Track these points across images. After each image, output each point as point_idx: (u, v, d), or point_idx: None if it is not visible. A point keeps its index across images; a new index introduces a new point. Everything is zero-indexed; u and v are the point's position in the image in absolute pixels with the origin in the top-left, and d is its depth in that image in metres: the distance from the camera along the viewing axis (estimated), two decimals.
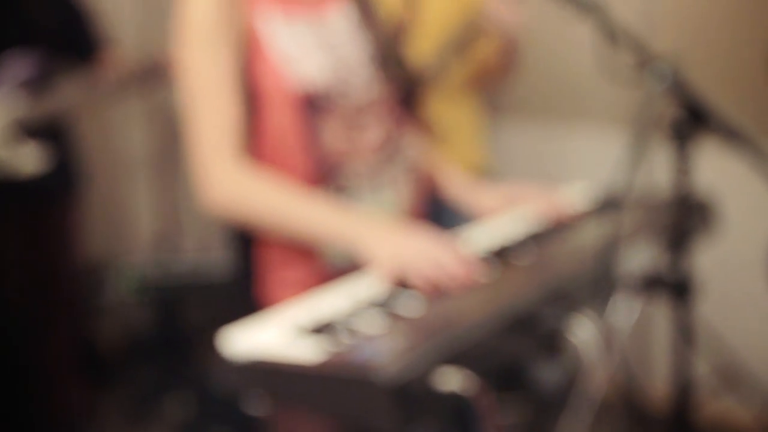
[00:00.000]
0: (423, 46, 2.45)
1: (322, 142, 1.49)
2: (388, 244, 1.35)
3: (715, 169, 1.94)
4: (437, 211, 2.53)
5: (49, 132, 2.69)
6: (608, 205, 1.66)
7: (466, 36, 2.39)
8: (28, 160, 2.63)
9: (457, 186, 1.75)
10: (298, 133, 1.48)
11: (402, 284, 1.30)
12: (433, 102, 2.50)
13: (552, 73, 3.36)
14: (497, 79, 2.55)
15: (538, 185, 1.72)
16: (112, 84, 2.67)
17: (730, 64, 2.89)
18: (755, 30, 2.82)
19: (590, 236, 1.52)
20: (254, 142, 1.50)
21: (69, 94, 2.63)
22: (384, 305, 1.23)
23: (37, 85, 2.62)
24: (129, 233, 3.60)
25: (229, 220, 1.49)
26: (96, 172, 3.09)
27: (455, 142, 2.51)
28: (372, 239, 1.36)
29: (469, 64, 2.51)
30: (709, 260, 1.83)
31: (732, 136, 1.17)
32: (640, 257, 1.43)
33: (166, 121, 3.41)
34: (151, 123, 3.50)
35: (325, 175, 1.50)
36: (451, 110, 2.54)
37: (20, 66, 2.57)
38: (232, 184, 1.44)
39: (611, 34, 1.22)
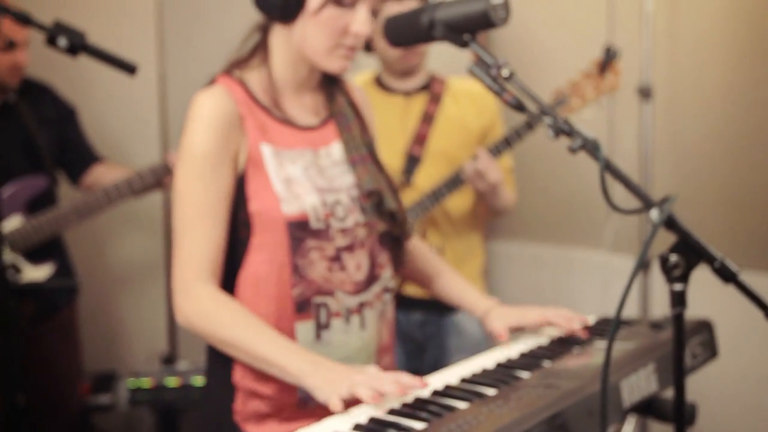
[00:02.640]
0: (430, 173, 2.58)
1: (308, 265, 1.56)
2: (331, 375, 1.42)
3: (710, 296, 2.01)
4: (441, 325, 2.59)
5: (49, 244, 2.80)
6: (608, 330, 1.72)
7: (458, 178, 2.55)
8: (32, 271, 2.73)
9: (476, 304, 1.81)
10: (286, 255, 1.55)
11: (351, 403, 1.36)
12: (437, 231, 2.62)
13: (555, 200, 3.48)
14: (493, 216, 2.71)
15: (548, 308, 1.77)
16: (106, 197, 2.77)
17: (722, 201, 3.00)
18: (747, 170, 2.95)
19: (592, 359, 1.58)
20: (247, 260, 1.57)
21: (64, 212, 2.75)
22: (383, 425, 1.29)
23: (38, 202, 2.78)
24: (127, 342, 3.63)
25: (196, 335, 1.56)
26: (96, 281, 3.16)
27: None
28: (317, 375, 1.42)
29: (468, 199, 2.64)
30: (704, 382, 1.88)
31: (722, 267, 1.25)
32: (640, 381, 1.49)
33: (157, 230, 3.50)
34: (145, 232, 3.58)
35: (308, 299, 1.57)
36: (454, 241, 2.65)
37: (25, 186, 2.73)
38: (199, 305, 1.52)
39: (610, 168, 1.31)
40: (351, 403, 1.37)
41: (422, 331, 2.64)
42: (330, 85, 1.70)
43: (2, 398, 2.38)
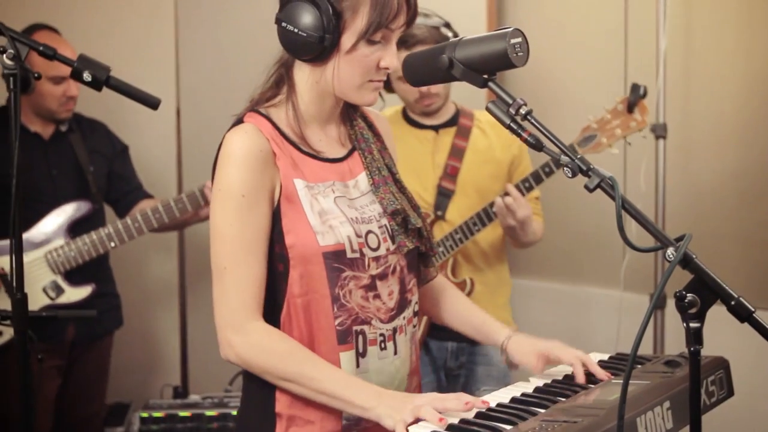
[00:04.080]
0: (462, 206, 2.60)
1: (346, 295, 1.59)
2: (395, 403, 1.46)
3: (726, 335, 2.01)
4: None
5: (93, 266, 2.87)
6: (624, 366, 1.72)
7: (489, 213, 2.58)
8: (73, 292, 2.79)
9: (497, 334, 1.80)
10: (325, 286, 1.57)
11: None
12: (468, 264, 2.64)
13: (571, 238, 3.48)
14: (520, 246, 2.71)
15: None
16: (146, 221, 2.88)
17: (736, 239, 3.00)
18: (762, 208, 2.96)
19: (608, 396, 1.58)
20: (288, 294, 1.58)
21: (104, 234, 2.84)
22: None
23: (85, 226, 2.88)
24: (140, 374, 3.64)
25: (250, 370, 1.58)
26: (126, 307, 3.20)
27: (484, 299, 2.61)
28: (382, 405, 1.47)
29: (498, 230, 2.67)
30: (719, 420, 1.87)
31: (737, 306, 1.25)
32: (656, 419, 1.49)
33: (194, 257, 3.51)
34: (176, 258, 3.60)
35: (349, 328, 1.59)
36: (486, 272, 2.69)
37: (73, 209, 2.81)
38: (254, 341, 1.54)
39: (626, 207, 1.32)
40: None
41: (455, 359, 2.69)
42: (349, 111, 1.73)
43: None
